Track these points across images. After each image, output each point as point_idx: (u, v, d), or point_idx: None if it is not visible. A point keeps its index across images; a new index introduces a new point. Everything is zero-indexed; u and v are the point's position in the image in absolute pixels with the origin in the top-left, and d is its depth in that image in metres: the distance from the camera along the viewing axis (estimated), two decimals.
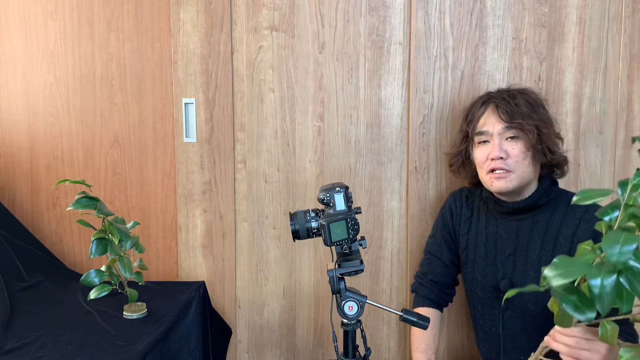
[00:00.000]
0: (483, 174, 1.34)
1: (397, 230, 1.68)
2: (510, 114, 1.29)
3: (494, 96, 1.35)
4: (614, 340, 0.87)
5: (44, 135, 1.76)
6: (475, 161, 1.37)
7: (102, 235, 1.34)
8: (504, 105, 1.30)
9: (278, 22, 1.64)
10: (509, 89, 1.38)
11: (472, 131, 1.36)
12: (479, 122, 1.34)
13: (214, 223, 1.71)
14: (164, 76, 1.69)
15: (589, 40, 1.57)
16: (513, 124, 1.28)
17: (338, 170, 1.68)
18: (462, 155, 1.43)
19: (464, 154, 1.42)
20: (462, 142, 1.42)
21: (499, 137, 1.30)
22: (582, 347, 0.96)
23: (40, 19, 1.72)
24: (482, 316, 1.40)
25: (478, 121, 1.34)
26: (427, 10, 1.59)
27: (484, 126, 1.33)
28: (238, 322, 1.75)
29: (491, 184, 1.31)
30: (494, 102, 1.33)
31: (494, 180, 1.30)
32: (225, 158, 1.69)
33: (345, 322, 1.14)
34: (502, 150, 1.29)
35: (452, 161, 1.47)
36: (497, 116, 1.31)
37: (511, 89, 1.38)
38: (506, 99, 1.31)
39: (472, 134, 1.36)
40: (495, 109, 1.32)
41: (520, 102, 1.30)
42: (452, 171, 1.51)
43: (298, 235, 1.14)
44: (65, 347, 1.23)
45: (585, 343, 0.96)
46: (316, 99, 1.66)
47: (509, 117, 1.29)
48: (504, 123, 1.29)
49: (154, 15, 1.68)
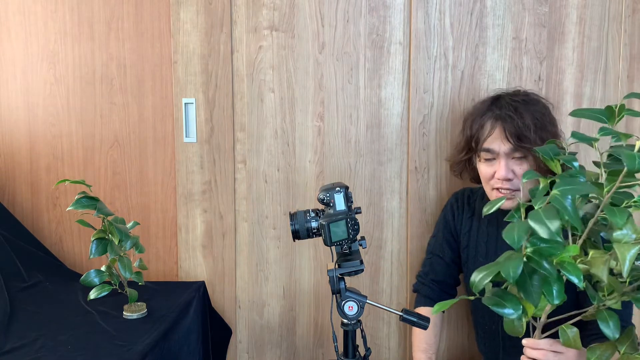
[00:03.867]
0: (488, 189, 1.32)
1: (397, 230, 1.68)
2: (518, 135, 1.23)
3: (500, 115, 1.27)
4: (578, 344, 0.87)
5: (44, 135, 1.76)
6: (480, 175, 1.34)
7: (102, 235, 1.34)
8: (510, 125, 1.24)
9: (278, 22, 1.64)
10: (515, 102, 1.29)
11: (478, 147, 1.30)
12: (486, 140, 1.28)
13: (214, 223, 1.71)
14: (164, 76, 1.69)
15: (589, 40, 1.57)
16: (520, 146, 1.23)
17: (338, 170, 1.68)
18: (465, 163, 1.40)
19: (467, 163, 1.39)
20: (465, 152, 1.37)
21: (506, 157, 1.26)
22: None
23: (40, 19, 1.72)
24: (482, 315, 1.41)
25: (485, 139, 1.29)
26: (427, 10, 1.59)
27: (491, 144, 1.28)
28: (238, 322, 1.75)
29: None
30: (501, 122, 1.26)
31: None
32: (225, 158, 1.69)
33: (345, 322, 1.14)
34: (509, 171, 1.25)
35: (455, 167, 1.45)
36: (504, 137, 1.25)
37: (517, 100, 1.30)
38: (513, 117, 1.24)
39: (479, 149, 1.31)
40: (502, 130, 1.26)
41: (528, 121, 1.24)
42: (453, 174, 1.49)
43: (298, 235, 1.14)
44: (65, 347, 1.23)
45: (553, 356, 0.96)
46: (316, 99, 1.66)
47: (516, 140, 1.23)
48: (511, 145, 1.24)
49: (154, 15, 1.68)
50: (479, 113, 1.33)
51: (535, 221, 0.72)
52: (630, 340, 0.83)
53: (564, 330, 0.89)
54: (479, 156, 1.33)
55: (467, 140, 1.35)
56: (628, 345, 0.82)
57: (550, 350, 0.96)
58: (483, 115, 1.31)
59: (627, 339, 0.83)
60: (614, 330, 0.78)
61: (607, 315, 0.79)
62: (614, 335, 0.78)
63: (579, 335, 0.89)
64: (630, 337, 0.83)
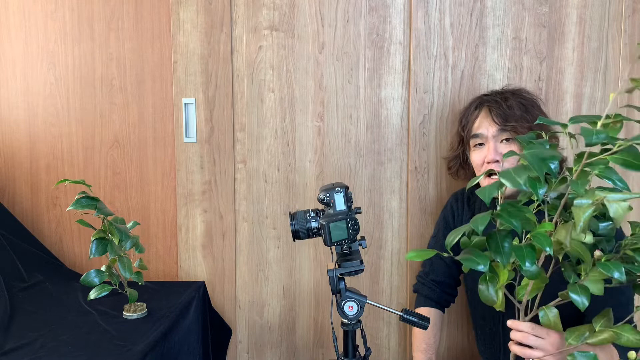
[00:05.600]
0: (481, 178, 1.34)
1: (397, 230, 1.68)
2: (504, 116, 1.29)
3: (486, 99, 1.36)
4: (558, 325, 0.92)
5: (44, 135, 1.76)
6: (473, 164, 1.38)
7: (102, 235, 1.34)
8: (496, 108, 1.31)
9: (278, 22, 1.64)
10: (502, 91, 1.38)
11: (467, 134, 1.37)
12: (474, 125, 1.35)
13: (213, 223, 1.71)
14: (164, 76, 1.69)
15: (589, 40, 1.57)
16: (507, 126, 1.28)
17: (338, 170, 1.68)
18: (459, 159, 1.45)
19: (461, 157, 1.44)
20: (459, 146, 1.43)
21: (494, 139, 1.30)
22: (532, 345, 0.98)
23: (40, 19, 1.72)
24: (482, 316, 1.40)
25: (472, 124, 1.35)
26: (427, 10, 1.59)
27: (479, 129, 1.34)
28: (238, 322, 1.75)
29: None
30: (487, 105, 1.34)
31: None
32: (225, 158, 1.69)
33: (345, 322, 1.14)
34: (498, 153, 1.29)
35: (450, 164, 1.49)
36: (490, 119, 1.31)
37: (504, 90, 1.38)
38: (499, 102, 1.32)
39: (467, 137, 1.37)
40: (488, 112, 1.32)
41: (513, 104, 1.30)
42: (451, 174, 1.52)
43: (298, 235, 1.14)
44: (65, 347, 1.23)
45: (534, 340, 0.98)
46: (316, 99, 1.66)
47: (502, 120, 1.29)
48: (498, 126, 1.29)
49: (154, 15, 1.68)
50: (468, 107, 1.41)
51: (505, 177, 0.80)
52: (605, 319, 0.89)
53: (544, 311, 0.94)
54: (469, 146, 1.38)
55: (459, 132, 1.42)
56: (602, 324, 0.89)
57: (531, 334, 0.98)
58: (471, 105, 1.39)
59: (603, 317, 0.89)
60: (584, 298, 0.84)
61: (580, 288, 0.85)
62: (583, 303, 0.83)
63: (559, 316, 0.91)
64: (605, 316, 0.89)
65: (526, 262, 0.82)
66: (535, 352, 0.98)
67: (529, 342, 0.98)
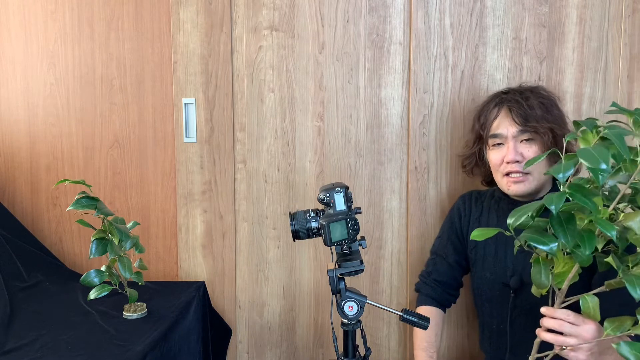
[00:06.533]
0: (499, 177, 1.33)
1: (397, 230, 1.68)
2: (524, 116, 1.27)
3: (506, 98, 1.33)
4: (597, 314, 0.90)
5: (44, 135, 1.76)
6: (490, 163, 1.36)
7: (102, 235, 1.34)
8: (517, 107, 1.29)
9: (278, 22, 1.64)
10: (521, 89, 1.36)
11: (486, 134, 1.35)
12: (493, 124, 1.33)
13: (213, 223, 1.71)
14: (164, 76, 1.69)
15: (589, 40, 1.57)
16: (528, 127, 1.26)
17: (338, 170, 1.68)
18: (475, 157, 1.42)
19: (477, 155, 1.42)
20: (476, 144, 1.41)
21: (514, 140, 1.29)
22: (567, 332, 0.96)
23: (40, 19, 1.72)
24: (490, 314, 1.40)
25: (492, 124, 1.33)
26: (427, 10, 1.59)
27: (498, 129, 1.32)
28: (238, 322, 1.75)
29: (508, 187, 1.30)
30: (507, 104, 1.31)
31: (511, 184, 1.29)
32: (225, 158, 1.69)
33: (345, 322, 1.14)
34: (518, 154, 1.27)
35: (465, 162, 1.47)
36: (510, 119, 1.29)
37: (523, 88, 1.36)
38: (519, 101, 1.29)
39: (486, 136, 1.35)
40: (508, 112, 1.30)
41: (534, 104, 1.28)
42: (465, 172, 1.51)
43: (298, 235, 1.14)
44: (65, 347, 1.23)
45: (570, 327, 0.96)
46: (316, 99, 1.66)
47: (523, 120, 1.27)
48: (519, 126, 1.28)
49: (154, 15, 1.68)
50: (487, 104, 1.38)
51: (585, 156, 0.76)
52: None
53: (585, 298, 0.91)
54: (488, 145, 1.36)
55: (477, 130, 1.39)
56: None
57: (566, 321, 0.96)
58: (490, 103, 1.37)
59: None
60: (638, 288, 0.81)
61: (634, 278, 0.82)
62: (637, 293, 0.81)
63: (598, 305, 0.90)
64: None
65: (587, 247, 0.80)
66: (570, 340, 0.95)
67: (564, 330, 0.96)
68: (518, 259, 1.33)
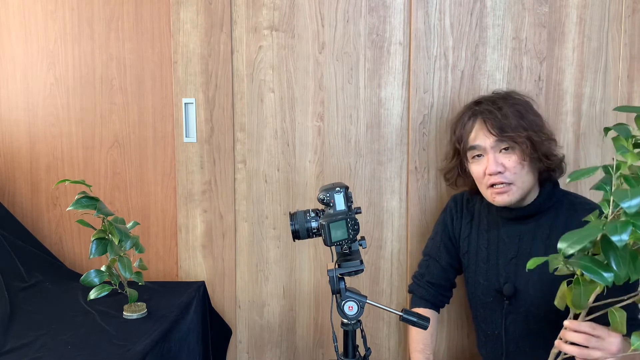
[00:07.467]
0: (483, 189, 1.32)
1: (397, 230, 1.68)
2: (500, 127, 1.25)
3: (479, 110, 1.30)
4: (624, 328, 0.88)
5: (44, 135, 1.76)
6: (473, 176, 1.34)
7: (102, 235, 1.34)
8: (491, 118, 1.26)
9: (278, 22, 1.64)
10: (493, 98, 1.33)
11: (463, 147, 1.33)
12: (470, 137, 1.31)
13: (213, 223, 1.71)
14: (164, 76, 1.69)
15: (589, 40, 1.57)
16: (504, 137, 1.24)
17: (338, 170, 1.68)
18: (457, 169, 1.41)
19: (459, 168, 1.40)
20: (455, 157, 1.39)
21: (493, 150, 1.27)
22: (592, 346, 0.94)
23: (40, 19, 1.72)
24: (484, 319, 1.40)
25: (468, 136, 1.31)
26: (427, 10, 1.59)
27: (475, 140, 1.30)
28: (238, 322, 1.75)
29: (493, 199, 1.29)
30: (480, 116, 1.29)
31: (495, 196, 1.28)
32: (225, 158, 1.69)
33: (345, 322, 1.14)
34: (499, 164, 1.25)
35: (448, 175, 1.45)
36: (486, 130, 1.27)
37: (496, 96, 1.34)
38: (493, 111, 1.27)
39: (464, 149, 1.33)
40: (483, 124, 1.28)
41: (508, 113, 1.26)
42: (449, 185, 1.49)
43: (298, 235, 1.14)
44: (65, 347, 1.23)
45: (595, 341, 0.94)
46: (316, 99, 1.66)
47: (499, 131, 1.25)
48: (495, 137, 1.26)
49: (154, 15, 1.68)
50: (461, 117, 1.36)
51: None
52: None
53: (613, 312, 0.89)
54: (467, 158, 1.34)
55: (454, 143, 1.38)
56: None
57: (592, 335, 0.94)
58: (464, 115, 1.35)
59: None
60: None
61: None
62: None
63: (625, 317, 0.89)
64: None
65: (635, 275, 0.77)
66: (596, 353, 0.94)
67: (592, 344, 0.94)
68: (510, 267, 1.33)
